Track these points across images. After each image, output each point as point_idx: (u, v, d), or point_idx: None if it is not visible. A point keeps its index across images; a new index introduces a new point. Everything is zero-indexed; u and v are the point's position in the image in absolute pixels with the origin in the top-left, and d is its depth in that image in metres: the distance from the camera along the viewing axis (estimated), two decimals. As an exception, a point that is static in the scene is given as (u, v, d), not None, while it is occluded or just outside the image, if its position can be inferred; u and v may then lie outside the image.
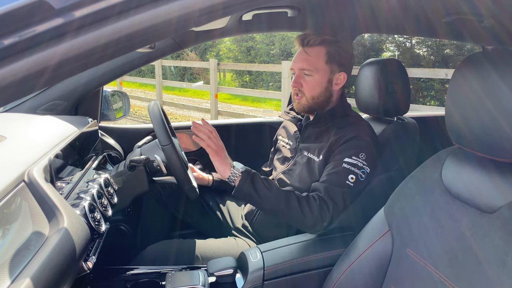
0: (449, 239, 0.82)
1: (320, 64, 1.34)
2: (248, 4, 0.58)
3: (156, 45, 1.54)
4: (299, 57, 1.36)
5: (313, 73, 1.34)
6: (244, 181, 1.22)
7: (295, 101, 1.41)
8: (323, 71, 1.34)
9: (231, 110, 8.59)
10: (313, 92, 1.35)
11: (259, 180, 1.24)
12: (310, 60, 1.33)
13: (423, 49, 8.99)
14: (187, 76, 13.44)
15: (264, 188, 1.23)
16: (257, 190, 1.22)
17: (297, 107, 1.41)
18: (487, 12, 1.32)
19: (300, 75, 1.36)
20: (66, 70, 0.51)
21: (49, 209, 0.82)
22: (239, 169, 1.25)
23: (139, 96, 10.28)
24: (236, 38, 12.64)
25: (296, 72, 1.37)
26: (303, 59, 1.34)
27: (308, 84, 1.35)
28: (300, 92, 1.37)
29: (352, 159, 1.26)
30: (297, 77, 1.36)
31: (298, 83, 1.36)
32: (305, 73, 1.35)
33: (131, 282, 1.25)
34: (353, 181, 1.24)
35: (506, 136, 0.74)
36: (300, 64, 1.35)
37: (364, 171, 1.26)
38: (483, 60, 0.79)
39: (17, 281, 0.65)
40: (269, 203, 1.23)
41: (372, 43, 9.24)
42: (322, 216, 1.20)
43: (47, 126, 1.28)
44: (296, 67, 1.36)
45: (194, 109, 8.15)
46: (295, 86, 1.37)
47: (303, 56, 1.35)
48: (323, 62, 1.34)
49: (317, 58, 1.33)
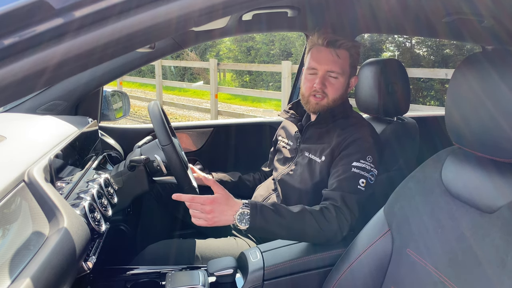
0: (449, 239, 0.82)
1: (346, 67, 1.34)
2: (248, 4, 0.58)
3: (156, 45, 1.54)
4: (326, 58, 1.32)
5: (340, 76, 1.33)
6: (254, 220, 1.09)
7: (311, 102, 1.36)
8: (346, 75, 1.35)
9: (231, 110, 8.59)
10: (336, 94, 1.34)
11: (269, 211, 1.12)
12: (339, 62, 1.32)
13: (423, 49, 8.99)
14: (187, 76, 13.44)
15: (276, 217, 1.12)
16: (270, 223, 1.11)
17: (315, 108, 1.36)
18: (487, 12, 1.32)
19: (325, 76, 1.33)
20: (66, 70, 0.51)
21: (49, 209, 0.82)
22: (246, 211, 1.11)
23: (139, 96, 10.28)
24: (236, 38, 12.64)
25: (320, 73, 1.33)
26: (332, 61, 1.31)
27: (333, 86, 1.33)
28: (323, 94, 1.34)
29: (360, 163, 1.24)
30: (322, 78, 1.33)
31: (323, 84, 1.33)
32: (331, 75, 1.33)
33: (131, 282, 1.25)
34: (364, 185, 1.22)
35: (506, 136, 0.74)
36: (328, 66, 1.32)
37: (373, 173, 1.25)
38: (483, 60, 0.79)
39: (17, 281, 0.65)
40: (285, 230, 1.14)
41: (372, 43, 9.24)
42: (341, 227, 1.16)
43: (47, 126, 1.28)
44: (323, 68, 1.32)
45: (194, 109, 8.15)
46: (319, 87, 1.33)
47: (332, 58, 1.31)
48: (348, 66, 1.34)
49: (344, 61, 1.33)
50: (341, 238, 1.18)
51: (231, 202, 1.11)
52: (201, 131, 2.05)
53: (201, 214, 1.10)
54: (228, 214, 1.10)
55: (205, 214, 1.09)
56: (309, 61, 1.36)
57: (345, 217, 1.17)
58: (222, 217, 1.09)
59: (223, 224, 1.11)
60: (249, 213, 1.09)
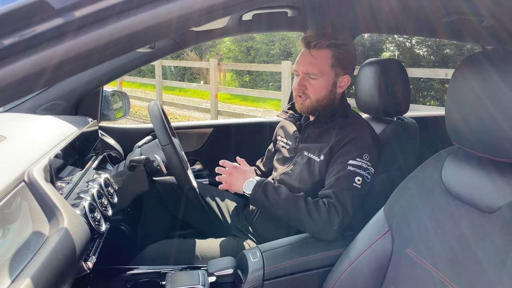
0: (449, 239, 0.82)
1: (325, 68, 1.31)
2: (248, 4, 0.58)
3: (156, 45, 1.54)
4: (303, 60, 1.33)
5: (318, 77, 1.32)
6: (256, 190, 1.29)
7: (297, 102, 1.38)
8: (328, 75, 1.32)
9: (231, 110, 8.59)
10: (317, 95, 1.34)
11: (270, 187, 1.29)
12: (315, 63, 1.30)
13: (423, 49, 8.99)
14: (187, 76, 13.43)
15: (275, 194, 1.27)
16: (268, 198, 1.27)
17: (300, 108, 1.39)
18: (487, 12, 1.32)
19: (304, 78, 1.34)
20: (66, 70, 0.51)
21: (49, 209, 0.82)
22: (253, 181, 1.32)
23: (139, 96, 10.28)
24: (236, 38, 12.63)
25: (300, 74, 1.34)
26: (308, 62, 1.31)
27: (313, 87, 1.33)
28: (304, 95, 1.35)
29: (357, 161, 1.24)
30: (301, 80, 1.34)
31: (302, 85, 1.33)
32: (310, 76, 1.32)
33: (131, 282, 1.25)
34: (360, 183, 1.22)
35: (506, 136, 0.74)
36: (305, 67, 1.32)
37: (369, 171, 1.25)
38: (483, 60, 0.79)
39: (17, 281, 0.65)
40: (281, 209, 1.25)
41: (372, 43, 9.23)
42: (331, 220, 1.18)
43: (47, 126, 1.28)
44: (300, 70, 1.33)
45: (194, 109, 8.15)
46: (299, 88, 1.34)
47: (308, 59, 1.31)
48: (328, 66, 1.31)
49: (322, 62, 1.30)
50: (333, 232, 1.18)
51: (247, 174, 1.39)
52: (201, 131, 2.06)
53: (224, 178, 1.40)
54: (241, 182, 1.35)
55: (225, 177, 1.40)
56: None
57: (336, 211, 1.18)
58: (236, 182, 1.37)
59: (236, 189, 1.37)
60: (255, 183, 1.31)
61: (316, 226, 1.19)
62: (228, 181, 1.39)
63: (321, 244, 1.21)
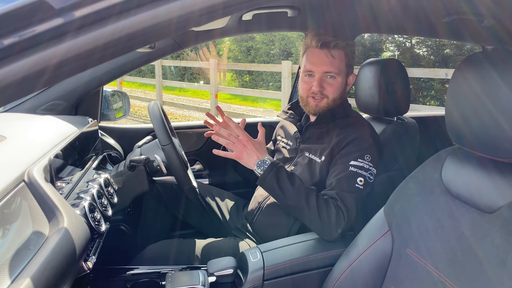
0: (449, 239, 0.82)
1: (342, 67, 1.34)
2: (248, 4, 0.58)
3: (156, 45, 1.54)
4: (322, 60, 1.32)
5: (337, 76, 1.34)
6: (268, 172, 1.21)
7: (310, 103, 1.37)
8: (343, 74, 1.36)
9: (231, 110, 8.59)
10: (335, 94, 1.35)
11: (284, 173, 1.22)
12: (335, 63, 1.32)
13: (423, 49, 8.99)
14: (187, 76, 13.44)
15: (287, 181, 1.21)
16: (279, 183, 1.21)
17: (315, 109, 1.37)
18: (487, 12, 1.32)
19: (322, 78, 1.34)
20: (66, 70, 0.51)
21: (49, 209, 0.82)
22: (267, 161, 1.24)
23: (139, 96, 10.28)
24: (236, 38, 12.64)
25: (317, 75, 1.33)
26: (328, 62, 1.32)
27: (332, 86, 1.34)
28: (321, 95, 1.34)
29: (358, 162, 1.24)
30: (320, 80, 1.33)
31: (321, 86, 1.33)
32: (329, 75, 1.33)
33: (131, 282, 1.25)
34: (362, 184, 1.22)
35: (506, 136, 0.74)
36: (324, 67, 1.32)
37: (371, 172, 1.25)
38: (483, 60, 0.79)
39: (17, 281, 0.65)
40: (289, 199, 1.20)
41: (372, 43, 9.24)
42: (337, 223, 1.17)
43: (47, 126, 1.28)
44: (319, 70, 1.33)
45: (194, 109, 8.15)
46: (318, 90, 1.33)
47: (327, 59, 1.32)
48: (344, 65, 1.35)
49: (340, 61, 1.33)
50: (336, 234, 1.18)
51: (261, 151, 1.27)
52: (201, 131, 2.05)
53: (233, 146, 1.25)
54: (253, 157, 1.24)
55: (237, 146, 1.24)
56: (305, 63, 1.36)
57: (343, 215, 1.18)
58: (247, 157, 1.25)
59: (245, 163, 1.26)
60: (268, 164, 1.23)
61: (323, 226, 1.18)
62: (239, 152, 1.25)
63: (321, 244, 1.21)
